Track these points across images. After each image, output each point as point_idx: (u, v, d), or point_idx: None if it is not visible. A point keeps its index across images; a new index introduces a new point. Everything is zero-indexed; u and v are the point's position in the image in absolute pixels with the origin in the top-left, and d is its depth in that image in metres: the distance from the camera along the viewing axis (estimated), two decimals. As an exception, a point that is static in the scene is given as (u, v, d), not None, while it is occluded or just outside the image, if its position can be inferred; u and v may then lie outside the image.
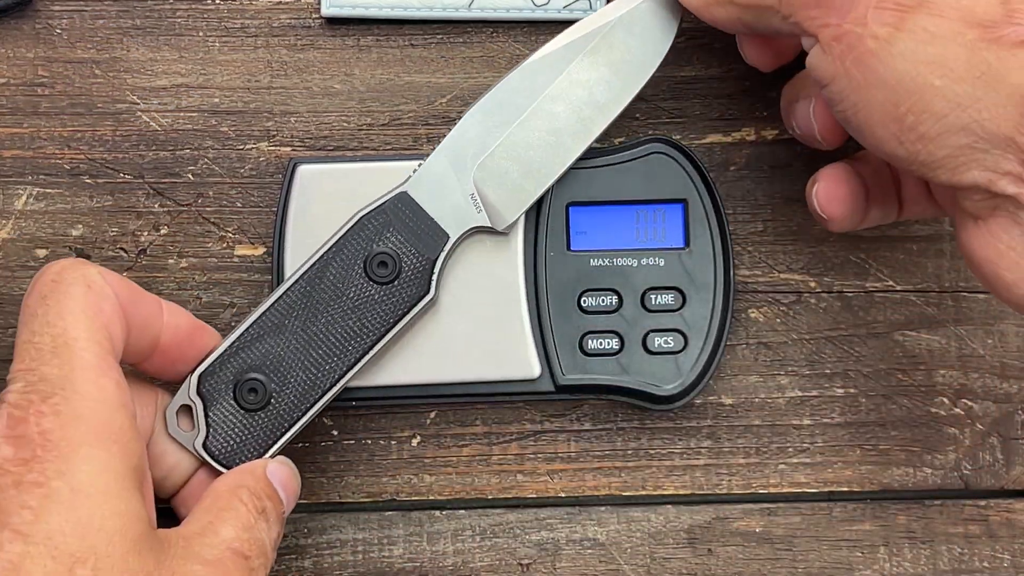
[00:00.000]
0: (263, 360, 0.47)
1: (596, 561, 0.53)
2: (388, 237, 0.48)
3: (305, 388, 0.47)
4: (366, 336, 0.48)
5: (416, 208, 0.48)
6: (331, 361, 0.48)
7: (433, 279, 0.48)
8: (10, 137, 0.53)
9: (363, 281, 0.48)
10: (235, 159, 0.53)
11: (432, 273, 0.48)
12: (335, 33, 0.53)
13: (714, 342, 0.51)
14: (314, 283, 0.48)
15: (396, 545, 0.53)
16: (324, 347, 0.48)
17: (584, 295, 0.51)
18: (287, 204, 0.50)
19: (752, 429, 0.53)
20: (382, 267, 0.48)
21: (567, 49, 0.50)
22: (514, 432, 0.53)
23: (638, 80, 0.50)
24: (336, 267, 0.48)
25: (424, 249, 0.48)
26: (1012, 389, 0.53)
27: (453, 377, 0.50)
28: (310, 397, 0.48)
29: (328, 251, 0.48)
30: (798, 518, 0.53)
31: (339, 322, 0.48)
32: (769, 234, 0.53)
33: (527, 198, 0.50)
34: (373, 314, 0.48)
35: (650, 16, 0.50)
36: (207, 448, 0.47)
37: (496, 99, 0.49)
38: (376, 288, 0.48)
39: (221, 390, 0.47)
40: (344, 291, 0.48)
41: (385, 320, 0.48)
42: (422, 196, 0.49)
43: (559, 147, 0.50)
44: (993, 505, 0.53)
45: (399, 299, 0.48)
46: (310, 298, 0.48)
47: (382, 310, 0.48)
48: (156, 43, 0.53)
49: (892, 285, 0.53)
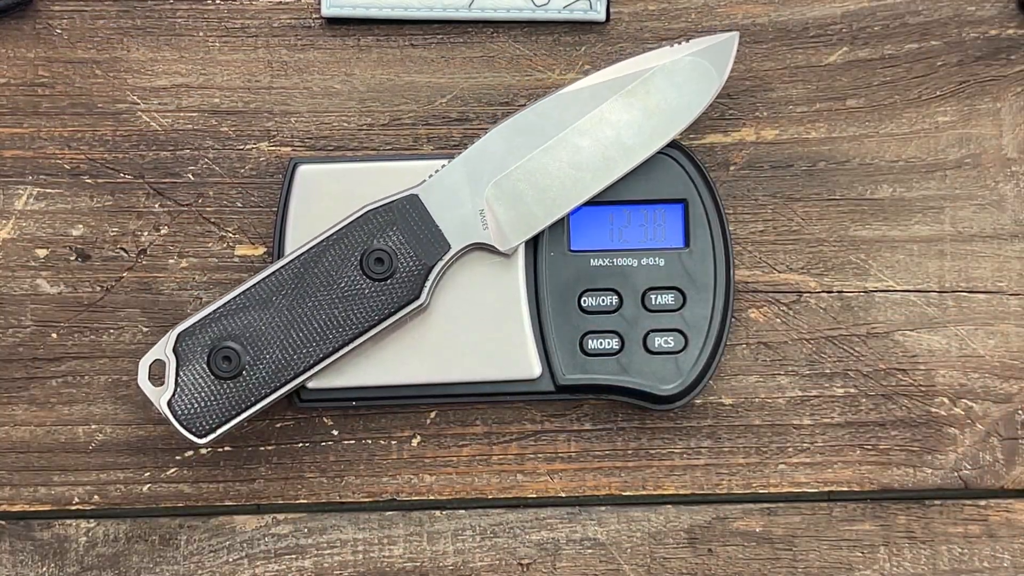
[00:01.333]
0: (243, 331, 0.47)
1: (596, 561, 0.53)
2: (390, 235, 0.48)
3: (279, 366, 0.48)
4: (349, 328, 0.48)
5: (424, 213, 0.49)
6: (309, 346, 0.48)
7: (426, 286, 0.48)
8: (10, 137, 0.53)
9: (357, 274, 0.48)
10: (235, 159, 0.53)
11: (427, 279, 0.48)
12: (335, 33, 0.53)
13: (714, 342, 0.51)
14: (308, 266, 0.48)
15: (396, 545, 0.53)
16: (306, 330, 0.48)
17: (584, 295, 0.51)
18: (287, 204, 0.50)
19: (752, 429, 0.53)
20: (378, 263, 0.48)
21: (605, 87, 0.49)
22: (514, 432, 0.53)
23: (669, 130, 0.50)
24: (333, 255, 0.48)
25: (423, 254, 0.48)
26: (1012, 389, 0.53)
27: (453, 377, 0.50)
28: (281, 376, 0.48)
29: (328, 238, 0.48)
30: (798, 518, 0.53)
31: (325, 309, 0.48)
32: (769, 234, 0.53)
33: (535, 225, 0.50)
34: (360, 308, 0.48)
35: (693, 70, 0.50)
36: (171, 407, 0.47)
37: (526, 120, 0.49)
38: (368, 283, 0.48)
39: (197, 352, 0.47)
40: (336, 280, 0.48)
41: (370, 316, 0.48)
42: (432, 202, 0.49)
43: (578, 181, 0.49)
44: (993, 505, 0.53)
45: (389, 298, 0.48)
46: (302, 280, 0.48)
47: (370, 306, 0.48)
48: (156, 43, 0.53)
49: (892, 285, 0.53)
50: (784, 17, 0.54)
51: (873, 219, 0.53)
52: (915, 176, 0.53)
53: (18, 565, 0.52)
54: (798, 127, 0.53)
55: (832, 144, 0.53)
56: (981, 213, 0.53)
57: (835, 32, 0.53)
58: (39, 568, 0.52)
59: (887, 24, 0.54)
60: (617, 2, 0.53)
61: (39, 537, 0.40)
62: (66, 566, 0.52)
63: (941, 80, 0.53)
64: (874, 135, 0.53)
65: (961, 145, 0.53)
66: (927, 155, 0.53)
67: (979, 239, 0.53)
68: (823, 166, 0.53)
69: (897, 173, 0.53)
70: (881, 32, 0.54)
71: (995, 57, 0.53)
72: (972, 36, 0.54)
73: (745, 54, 0.53)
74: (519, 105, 0.53)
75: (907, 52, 0.54)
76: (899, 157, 0.53)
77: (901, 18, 0.54)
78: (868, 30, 0.54)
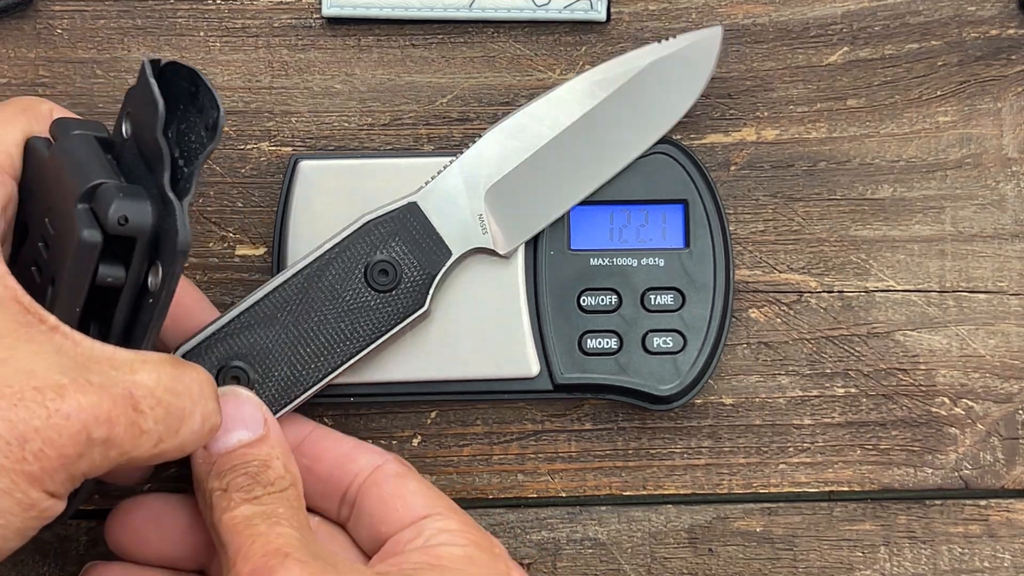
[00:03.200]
0: (250, 349, 0.47)
1: (597, 561, 0.53)
2: (393, 246, 0.48)
3: (288, 383, 0.48)
4: (356, 340, 0.48)
5: (424, 220, 0.49)
6: (317, 360, 0.48)
7: (429, 293, 0.49)
8: (11, 137, 0.53)
9: (362, 286, 0.48)
10: (236, 159, 0.53)
11: (430, 287, 0.49)
12: (336, 33, 0.53)
13: (713, 342, 0.51)
14: (312, 281, 0.48)
15: (397, 545, 0.53)
16: (313, 346, 0.48)
17: (584, 294, 0.51)
18: (288, 200, 0.50)
19: (753, 429, 0.53)
20: (383, 275, 0.48)
21: (596, 86, 0.50)
22: (515, 432, 0.53)
23: (661, 126, 0.50)
24: (336, 268, 0.48)
25: (426, 263, 0.49)
26: (1013, 389, 0.53)
27: (451, 375, 0.50)
28: (291, 393, 0.48)
29: (330, 251, 0.48)
30: (798, 518, 0.53)
31: (331, 323, 0.48)
32: (769, 234, 0.53)
33: (533, 227, 0.50)
34: (366, 320, 0.48)
35: (680, 66, 0.50)
36: None
37: (519, 123, 0.50)
38: (373, 295, 0.48)
39: None
40: (341, 293, 0.48)
41: (377, 328, 0.48)
42: (431, 209, 0.49)
43: (574, 181, 0.50)
44: (993, 505, 0.53)
45: (394, 309, 0.48)
46: (306, 295, 0.48)
47: (376, 317, 0.48)
48: (157, 43, 0.53)
49: (893, 285, 0.53)
50: (785, 17, 0.54)
51: (874, 219, 0.53)
52: (916, 176, 0.53)
53: (19, 564, 0.52)
54: (799, 127, 0.53)
55: (833, 144, 0.53)
56: (982, 213, 0.53)
57: (836, 32, 0.53)
58: (40, 568, 0.52)
59: (887, 24, 0.54)
60: (617, 2, 0.53)
61: (40, 536, 0.40)
62: (67, 565, 0.52)
63: (942, 80, 0.53)
64: (875, 135, 0.53)
65: (962, 145, 0.53)
66: (928, 155, 0.53)
67: (980, 239, 0.53)
68: (824, 166, 0.53)
69: (898, 173, 0.53)
70: (881, 32, 0.53)
71: (995, 57, 0.53)
72: (972, 36, 0.54)
73: (746, 54, 0.53)
74: (519, 105, 0.53)
75: (907, 52, 0.54)
76: (900, 157, 0.53)
77: (901, 18, 0.54)
78: (868, 30, 0.53)
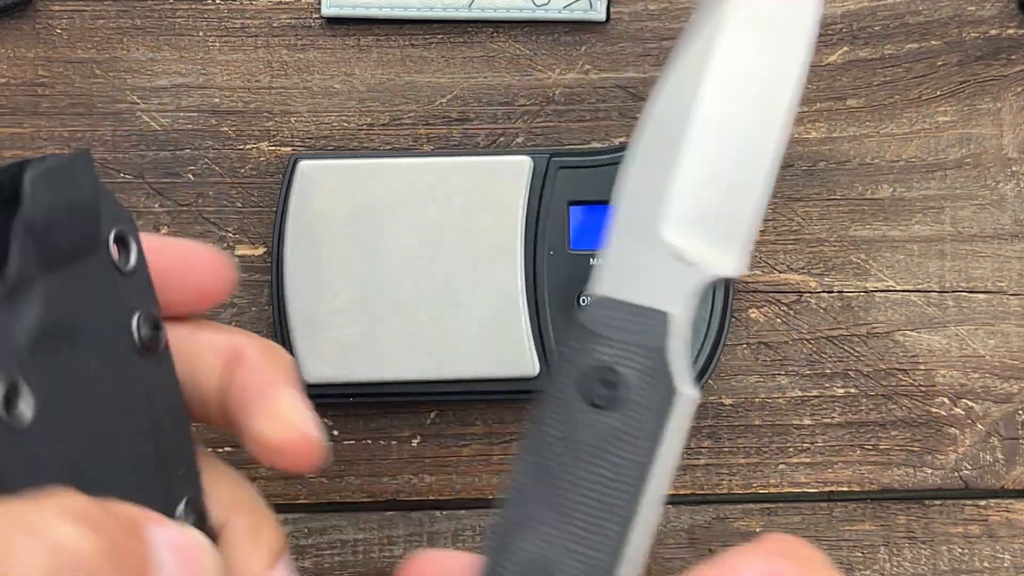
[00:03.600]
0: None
1: (596, 561, 0.53)
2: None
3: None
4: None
5: (616, 303, 0.37)
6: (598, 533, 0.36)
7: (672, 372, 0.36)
8: (10, 137, 0.53)
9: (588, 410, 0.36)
10: (235, 159, 0.53)
11: (667, 366, 0.36)
12: (335, 33, 0.53)
13: (713, 343, 0.51)
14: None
15: (396, 545, 0.53)
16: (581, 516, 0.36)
17: (584, 294, 0.51)
18: (287, 200, 0.50)
19: (752, 429, 0.53)
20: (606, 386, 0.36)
21: (694, 54, 0.38)
22: (515, 432, 0.53)
23: (796, 44, 0.38)
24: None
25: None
26: (1013, 389, 0.53)
27: (450, 374, 0.50)
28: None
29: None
30: (798, 518, 0.53)
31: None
32: (769, 234, 0.53)
33: (744, 222, 0.38)
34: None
35: None
36: None
37: (647, 138, 0.38)
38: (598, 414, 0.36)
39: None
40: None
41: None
42: (618, 288, 0.37)
43: (752, 142, 0.38)
44: (993, 505, 0.53)
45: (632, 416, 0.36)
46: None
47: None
48: (156, 43, 0.53)
49: (892, 285, 0.53)
50: (784, 17, 0.54)
51: (873, 219, 0.53)
52: (915, 176, 0.53)
53: (18, 565, 0.52)
54: (798, 127, 0.53)
55: (832, 144, 0.53)
56: (981, 213, 0.53)
57: (835, 32, 0.54)
58: (39, 568, 0.52)
59: (887, 24, 0.54)
60: (617, 2, 0.53)
61: (38, 536, 0.40)
62: None
63: (941, 80, 0.53)
64: (874, 135, 0.53)
65: (961, 145, 0.53)
66: (927, 155, 0.53)
67: (979, 239, 0.53)
68: (823, 166, 0.53)
69: (897, 173, 0.53)
70: (881, 32, 0.54)
71: (995, 57, 0.54)
72: (972, 36, 0.54)
73: (745, 54, 0.53)
74: (519, 105, 0.53)
75: (907, 52, 0.54)
76: (899, 157, 0.53)
77: (901, 18, 0.54)
78: (868, 30, 0.54)
